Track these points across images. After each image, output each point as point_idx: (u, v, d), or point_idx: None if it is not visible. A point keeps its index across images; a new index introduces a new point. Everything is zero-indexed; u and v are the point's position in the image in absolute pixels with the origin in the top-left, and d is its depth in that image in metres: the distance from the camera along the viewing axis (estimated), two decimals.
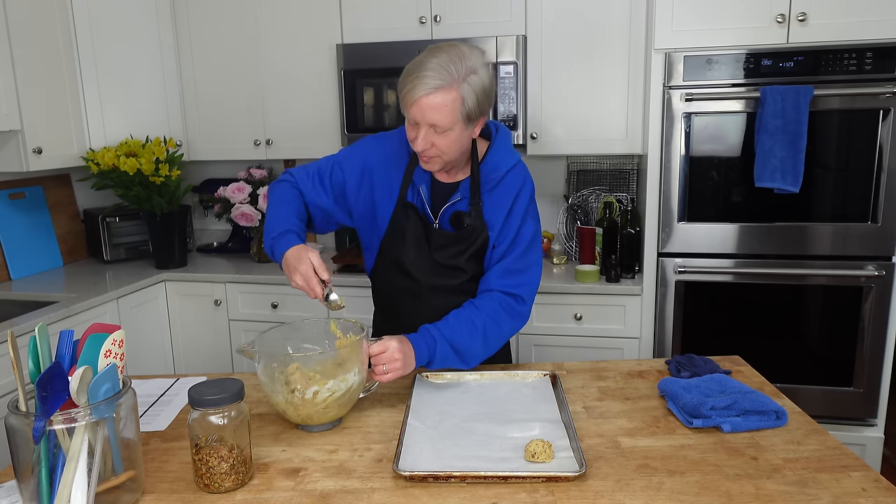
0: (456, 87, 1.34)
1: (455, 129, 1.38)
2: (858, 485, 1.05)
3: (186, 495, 1.08)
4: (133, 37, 2.85)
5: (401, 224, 1.54)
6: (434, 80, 1.33)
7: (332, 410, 1.27)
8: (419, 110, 1.35)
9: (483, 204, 1.52)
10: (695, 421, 1.25)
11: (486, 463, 1.13)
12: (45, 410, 0.94)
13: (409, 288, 1.59)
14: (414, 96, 1.34)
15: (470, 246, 1.53)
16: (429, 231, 1.54)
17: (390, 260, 1.58)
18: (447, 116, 1.35)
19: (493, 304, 1.49)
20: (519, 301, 1.52)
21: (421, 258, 1.55)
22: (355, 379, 1.28)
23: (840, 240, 2.30)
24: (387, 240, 1.57)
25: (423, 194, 1.52)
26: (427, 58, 1.36)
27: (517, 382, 1.48)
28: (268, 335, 1.35)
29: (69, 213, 3.03)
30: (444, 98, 1.34)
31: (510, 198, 1.52)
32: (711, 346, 2.42)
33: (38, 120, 2.48)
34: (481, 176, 1.52)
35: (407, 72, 1.38)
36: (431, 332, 1.43)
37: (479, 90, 1.37)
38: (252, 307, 2.78)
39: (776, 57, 2.24)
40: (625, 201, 2.80)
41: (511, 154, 1.54)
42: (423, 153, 1.42)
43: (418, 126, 1.38)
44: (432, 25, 2.66)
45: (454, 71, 1.34)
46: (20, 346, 1.62)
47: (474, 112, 1.38)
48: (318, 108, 2.86)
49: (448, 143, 1.40)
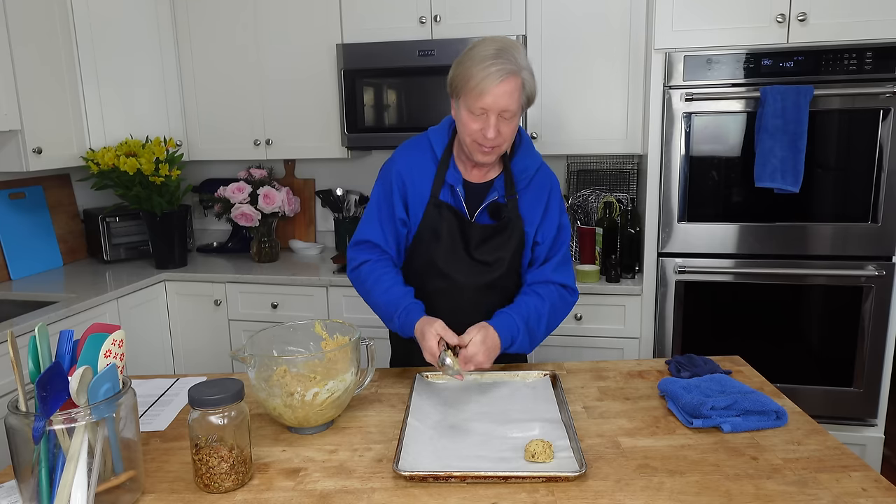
0: (520, 74, 1.40)
1: (517, 116, 1.45)
2: (858, 485, 1.05)
3: (186, 495, 1.08)
4: (133, 37, 2.85)
5: (434, 223, 1.55)
6: (508, 65, 1.37)
7: (328, 411, 1.27)
8: (494, 99, 1.38)
9: (518, 199, 1.55)
10: (695, 421, 1.25)
11: (485, 463, 1.13)
12: (45, 410, 0.94)
13: (442, 288, 1.59)
14: (490, 84, 1.37)
15: (508, 239, 1.55)
16: (465, 226, 1.55)
17: (422, 262, 1.59)
18: (516, 101, 1.41)
19: (553, 294, 1.56)
20: (571, 292, 1.61)
21: (455, 255, 1.56)
22: (353, 379, 1.29)
23: (840, 240, 2.30)
24: (417, 241, 1.58)
25: (458, 193, 1.54)
26: (487, 48, 1.40)
27: (517, 382, 1.48)
28: (259, 337, 1.33)
29: (69, 213, 3.03)
30: (515, 84, 1.39)
31: (544, 194, 1.58)
32: (711, 346, 2.42)
33: (38, 120, 2.48)
34: (514, 174, 1.55)
35: (469, 65, 1.40)
36: (513, 316, 1.47)
37: (532, 78, 1.44)
38: (252, 307, 2.78)
39: (776, 57, 2.24)
40: (625, 201, 2.80)
41: (536, 154, 1.60)
42: (491, 142, 1.44)
43: (487, 116, 1.41)
44: (432, 25, 2.66)
45: (519, 57, 1.40)
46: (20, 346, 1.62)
47: (531, 98, 1.45)
48: (318, 108, 2.86)
49: (511, 130, 1.45)
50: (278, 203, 2.90)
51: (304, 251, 3.14)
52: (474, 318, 1.54)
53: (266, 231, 2.98)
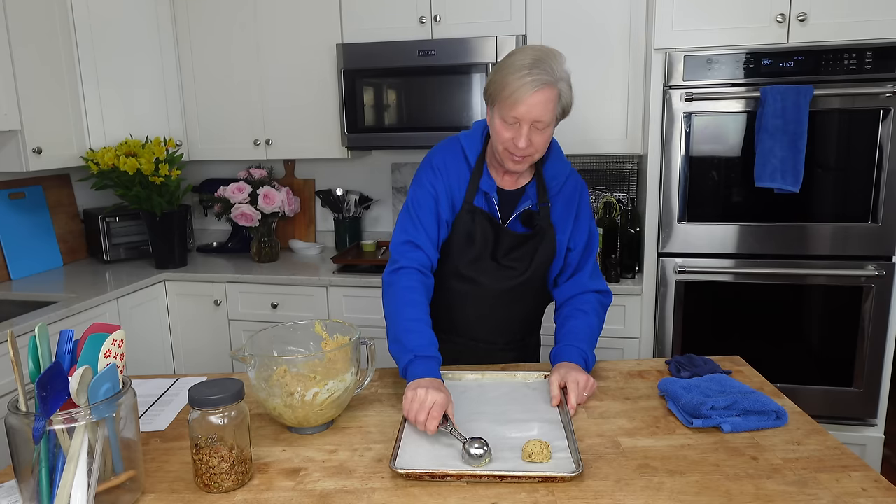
0: (556, 85, 1.38)
1: (551, 126, 1.44)
2: (858, 485, 1.05)
3: (186, 495, 1.08)
4: (133, 37, 2.85)
5: (468, 228, 1.54)
6: (544, 76, 1.36)
7: (328, 411, 1.27)
8: (527, 108, 1.37)
9: (550, 206, 1.55)
10: (695, 421, 1.25)
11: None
12: (45, 410, 0.94)
13: (465, 291, 1.58)
14: (525, 94, 1.36)
15: (538, 246, 1.55)
16: (499, 231, 1.55)
17: (448, 265, 1.58)
18: (550, 112, 1.39)
19: (596, 304, 1.58)
20: (607, 295, 1.62)
21: (481, 260, 1.56)
22: (353, 379, 1.29)
23: (840, 240, 2.30)
24: (447, 245, 1.57)
25: (493, 199, 1.53)
26: (525, 56, 1.38)
27: (517, 382, 1.48)
28: (259, 337, 1.33)
29: (69, 213, 3.03)
30: (549, 94, 1.37)
31: (575, 201, 1.58)
32: (711, 346, 2.42)
33: (38, 120, 2.48)
34: (546, 180, 1.55)
35: (506, 73, 1.38)
36: (583, 347, 1.48)
37: (569, 89, 1.42)
38: (252, 307, 2.78)
39: (776, 57, 2.24)
40: (625, 201, 2.80)
41: (566, 160, 1.60)
42: (523, 152, 1.43)
43: (519, 125, 1.40)
44: (432, 25, 2.66)
45: (556, 68, 1.38)
46: (20, 346, 1.62)
47: (566, 109, 1.44)
48: (318, 108, 2.86)
49: (544, 140, 1.44)
50: (278, 203, 2.90)
51: (304, 251, 3.14)
52: (497, 321, 1.57)
53: (266, 231, 2.98)
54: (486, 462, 1.13)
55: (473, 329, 1.63)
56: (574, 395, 1.34)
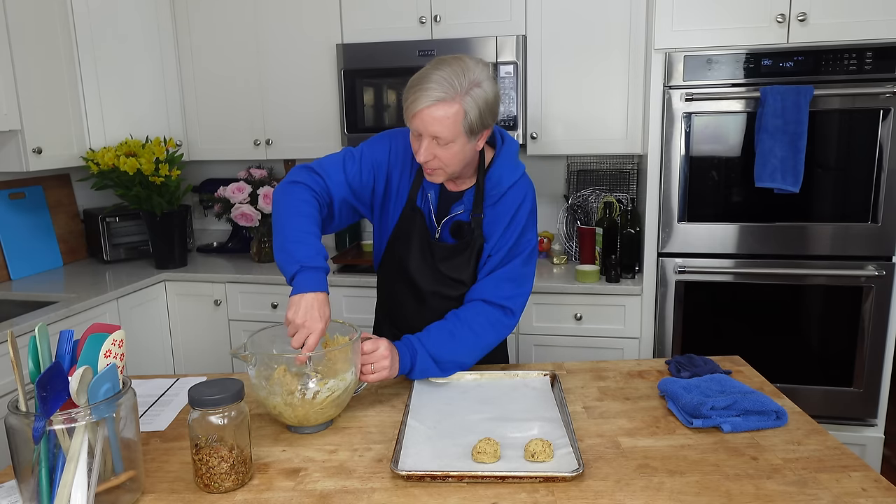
0: (459, 101, 1.33)
1: (457, 142, 1.37)
2: (858, 485, 1.05)
3: (186, 495, 1.08)
4: (133, 37, 2.85)
5: (408, 229, 1.54)
6: (437, 92, 1.31)
7: (328, 410, 1.27)
8: (421, 122, 1.35)
9: (484, 217, 1.52)
10: (695, 421, 1.25)
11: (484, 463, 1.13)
12: (45, 410, 0.94)
13: (411, 292, 1.59)
14: (416, 108, 1.33)
15: (469, 258, 1.53)
16: (430, 242, 1.54)
17: (396, 261, 1.59)
18: (449, 129, 1.34)
19: (479, 317, 1.48)
20: (508, 314, 1.51)
21: (424, 266, 1.55)
22: (352, 378, 1.29)
23: (840, 240, 2.30)
24: (394, 240, 1.58)
25: (430, 201, 1.53)
26: (430, 70, 1.35)
27: (517, 382, 1.48)
28: (259, 337, 1.34)
29: (69, 213, 3.03)
30: (446, 111, 1.32)
31: (510, 213, 1.51)
32: (711, 346, 2.42)
33: (38, 120, 2.48)
34: (485, 189, 1.51)
35: (410, 84, 1.37)
36: (414, 343, 1.44)
37: (483, 103, 1.35)
38: (252, 307, 2.78)
39: (776, 57, 2.24)
40: (625, 201, 2.80)
41: (515, 167, 1.53)
42: (427, 165, 1.42)
43: (421, 138, 1.38)
44: (432, 25, 2.66)
45: (457, 84, 1.32)
46: (20, 346, 1.62)
47: (476, 125, 1.37)
48: (318, 108, 2.86)
49: (450, 156, 1.39)
50: None
51: None
52: None
53: (266, 231, 2.98)
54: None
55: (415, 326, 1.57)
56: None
